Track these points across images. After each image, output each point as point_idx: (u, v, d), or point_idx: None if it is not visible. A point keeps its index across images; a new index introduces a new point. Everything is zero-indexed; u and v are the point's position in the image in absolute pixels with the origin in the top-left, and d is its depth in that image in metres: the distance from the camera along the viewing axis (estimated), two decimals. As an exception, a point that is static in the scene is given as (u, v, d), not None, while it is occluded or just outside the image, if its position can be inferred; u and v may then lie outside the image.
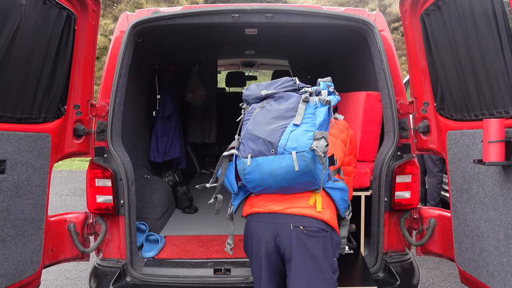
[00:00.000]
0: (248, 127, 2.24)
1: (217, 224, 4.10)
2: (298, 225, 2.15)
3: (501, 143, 2.09)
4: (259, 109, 2.28)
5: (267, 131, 2.13)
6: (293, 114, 2.15)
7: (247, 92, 2.42)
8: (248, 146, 2.18)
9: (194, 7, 3.11)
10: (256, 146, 2.14)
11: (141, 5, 18.42)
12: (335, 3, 21.00)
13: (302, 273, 2.14)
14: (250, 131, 2.21)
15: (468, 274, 2.55)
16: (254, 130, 2.19)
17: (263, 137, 2.12)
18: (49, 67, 2.59)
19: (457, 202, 2.63)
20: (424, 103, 2.92)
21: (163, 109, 4.89)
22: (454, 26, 2.41)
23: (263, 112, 2.24)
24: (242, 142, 2.24)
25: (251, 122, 2.25)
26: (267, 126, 2.16)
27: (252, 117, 2.27)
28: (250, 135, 2.19)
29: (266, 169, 2.11)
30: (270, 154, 2.09)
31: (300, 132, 2.07)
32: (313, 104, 2.19)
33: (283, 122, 2.14)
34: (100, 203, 2.92)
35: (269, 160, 2.09)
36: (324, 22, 3.03)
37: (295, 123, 2.11)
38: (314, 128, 2.11)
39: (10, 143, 2.37)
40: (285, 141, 2.06)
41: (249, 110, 2.35)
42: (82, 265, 4.74)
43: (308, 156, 2.02)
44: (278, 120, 2.16)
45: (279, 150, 2.07)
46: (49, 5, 2.46)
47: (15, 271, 2.46)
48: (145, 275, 2.91)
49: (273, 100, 2.29)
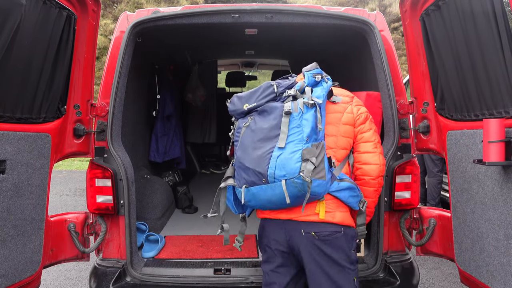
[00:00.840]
0: (237, 153, 2.20)
1: (217, 224, 4.09)
2: (309, 231, 2.16)
3: (501, 143, 2.09)
4: (245, 129, 2.20)
5: (255, 159, 2.08)
6: (278, 133, 2.07)
7: (231, 107, 2.32)
8: (241, 176, 2.15)
9: (194, 7, 3.10)
10: (247, 176, 2.11)
11: (141, 5, 18.42)
12: (335, 3, 21.00)
13: (320, 274, 2.19)
14: (240, 159, 2.16)
15: (468, 274, 2.55)
16: (242, 158, 2.14)
17: (252, 168, 2.08)
18: (49, 67, 2.59)
19: (457, 202, 2.63)
20: (424, 103, 2.92)
21: (163, 109, 4.89)
22: (454, 26, 2.41)
23: (249, 134, 2.17)
24: (236, 170, 2.22)
25: (239, 146, 2.20)
26: (254, 153, 2.10)
27: (239, 139, 2.22)
28: (240, 163, 2.16)
29: (262, 197, 2.10)
30: (262, 183, 2.06)
31: (286, 157, 2.01)
32: (297, 114, 2.07)
33: (268, 146, 2.07)
34: (100, 203, 2.91)
35: (263, 189, 2.07)
36: (324, 22, 3.03)
37: (279, 146, 2.03)
38: (302, 143, 2.03)
39: (10, 143, 2.37)
40: (273, 169, 2.02)
41: (237, 128, 2.29)
42: (82, 265, 4.74)
43: (299, 181, 1.98)
44: (264, 142, 2.09)
45: (269, 180, 2.03)
46: (49, 5, 2.46)
47: (15, 271, 2.46)
48: (145, 275, 2.91)
49: (257, 114, 2.20)
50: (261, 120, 2.15)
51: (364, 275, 2.88)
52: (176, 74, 5.53)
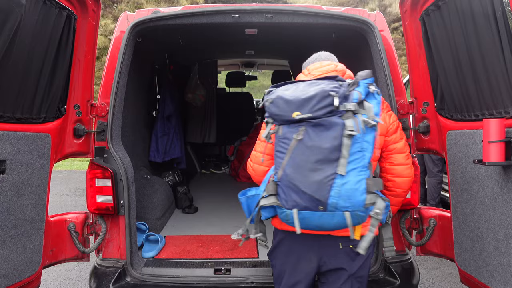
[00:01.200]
0: (287, 170, 1.93)
1: (217, 224, 4.11)
2: (347, 244, 2.11)
3: (501, 143, 2.09)
4: (296, 142, 1.92)
5: (313, 184, 1.87)
6: (338, 156, 1.86)
7: (275, 110, 1.98)
8: (291, 197, 1.92)
9: (194, 7, 3.11)
10: (301, 200, 1.90)
11: (141, 5, 18.44)
12: (335, 3, 21.01)
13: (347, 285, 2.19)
14: (292, 180, 1.91)
15: (468, 274, 2.55)
16: (296, 179, 1.90)
17: (309, 193, 1.88)
18: (49, 67, 2.59)
19: (457, 202, 2.63)
20: (424, 103, 2.92)
21: (163, 109, 4.89)
22: (454, 26, 2.41)
23: (304, 151, 1.90)
24: (282, 188, 1.95)
25: (290, 163, 1.92)
26: (312, 176, 1.88)
27: (289, 153, 1.93)
28: (292, 185, 1.91)
29: (313, 223, 1.95)
30: (318, 210, 1.89)
31: (352, 187, 1.85)
32: (360, 136, 1.89)
33: (329, 171, 1.86)
34: (100, 203, 2.91)
35: (318, 216, 1.91)
36: (324, 22, 3.03)
37: (340, 173, 1.85)
38: (365, 171, 1.88)
39: (10, 143, 2.37)
40: (337, 199, 1.85)
41: (281, 136, 1.98)
42: (82, 265, 4.74)
43: (362, 214, 1.89)
44: (323, 165, 1.87)
45: (329, 209, 1.88)
46: (49, 5, 2.46)
47: (15, 271, 2.46)
48: (145, 275, 2.91)
49: (310, 127, 1.91)
50: (317, 136, 1.90)
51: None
52: (176, 74, 5.53)
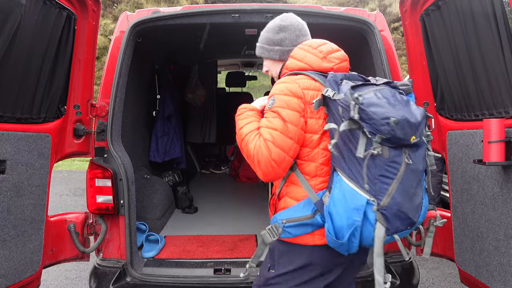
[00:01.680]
0: (397, 198, 1.73)
1: (217, 224, 4.11)
2: None
3: (501, 143, 2.09)
4: (405, 167, 1.74)
5: (414, 209, 1.80)
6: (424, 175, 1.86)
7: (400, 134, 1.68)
8: (395, 225, 1.77)
9: (194, 7, 3.11)
10: (401, 225, 1.79)
11: (141, 5, 18.43)
12: (335, 3, 21.01)
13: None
14: (402, 208, 1.75)
15: (468, 274, 2.55)
16: (405, 207, 1.76)
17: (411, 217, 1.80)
18: (49, 67, 2.59)
19: (457, 202, 2.63)
20: (424, 103, 2.92)
21: (163, 109, 4.89)
22: (454, 26, 2.41)
23: (410, 176, 1.76)
24: (389, 217, 1.74)
25: (400, 190, 1.74)
26: (414, 201, 1.79)
27: (399, 179, 1.74)
28: (401, 213, 1.76)
29: None
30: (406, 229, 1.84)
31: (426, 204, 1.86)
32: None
33: (421, 192, 1.82)
34: (100, 203, 2.91)
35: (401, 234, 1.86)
36: (324, 22, 3.03)
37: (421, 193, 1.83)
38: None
39: (10, 143, 2.37)
40: (422, 218, 1.85)
41: (388, 159, 1.71)
42: (82, 265, 4.74)
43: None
44: (418, 188, 1.81)
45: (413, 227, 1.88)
46: (49, 5, 2.46)
47: (15, 271, 2.46)
48: (145, 275, 2.91)
49: (409, 148, 1.74)
50: (415, 158, 1.77)
51: (364, 275, 2.87)
52: (176, 74, 5.53)
